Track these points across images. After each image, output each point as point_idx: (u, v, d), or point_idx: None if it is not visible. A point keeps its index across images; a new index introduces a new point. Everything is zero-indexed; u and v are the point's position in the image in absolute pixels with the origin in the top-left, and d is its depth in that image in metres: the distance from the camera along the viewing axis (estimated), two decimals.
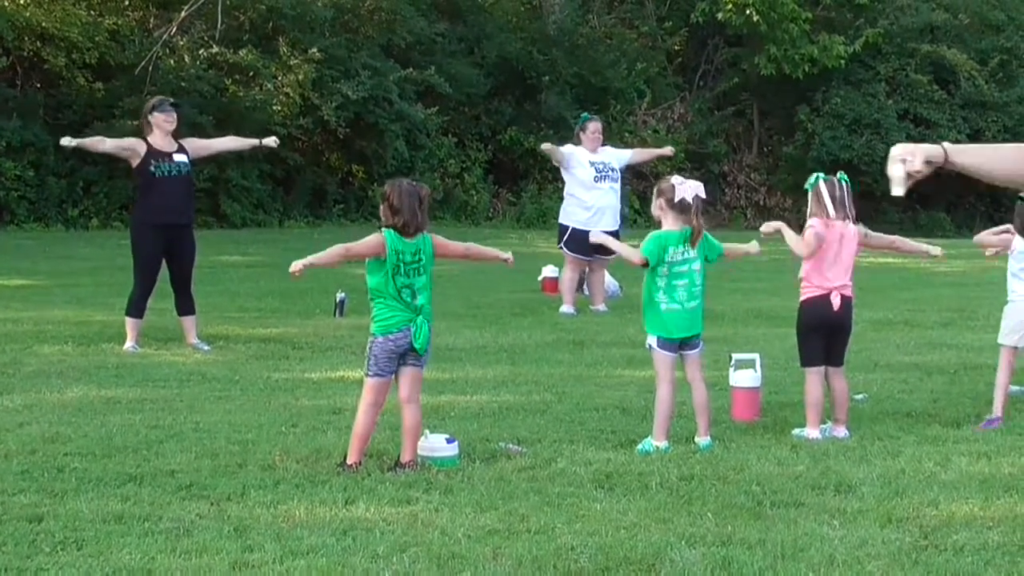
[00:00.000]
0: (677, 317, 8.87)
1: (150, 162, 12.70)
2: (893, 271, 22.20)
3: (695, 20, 38.35)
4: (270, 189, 31.84)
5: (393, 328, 8.11)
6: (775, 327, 14.46)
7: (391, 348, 8.13)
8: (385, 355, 8.14)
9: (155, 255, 12.85)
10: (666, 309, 8.86)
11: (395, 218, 8.11)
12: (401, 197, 8.12)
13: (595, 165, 16.01)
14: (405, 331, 8.11)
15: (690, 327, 8.92)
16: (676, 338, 8.90)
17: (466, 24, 36.49)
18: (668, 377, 8.94)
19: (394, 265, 8.06)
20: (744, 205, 38.81)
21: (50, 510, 7.07)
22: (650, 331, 8.94)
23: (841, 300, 9.24)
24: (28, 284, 18.51)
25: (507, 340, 13.75)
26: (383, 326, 8.13)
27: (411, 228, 8.12)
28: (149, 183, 12.74)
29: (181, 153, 12.84)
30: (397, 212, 8.10)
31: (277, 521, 6.94)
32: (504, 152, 35.85)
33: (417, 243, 8.15)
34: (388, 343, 8.13)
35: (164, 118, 12.77)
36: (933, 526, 6.93)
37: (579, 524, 6.93)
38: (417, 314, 8.12)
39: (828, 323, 9.28)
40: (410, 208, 8.11)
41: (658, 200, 8.99)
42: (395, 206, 8.11)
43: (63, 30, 29.15)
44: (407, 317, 8.10)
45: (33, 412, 9.74)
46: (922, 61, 38.44)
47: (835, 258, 9.25)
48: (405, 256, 8.09)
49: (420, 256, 8.16)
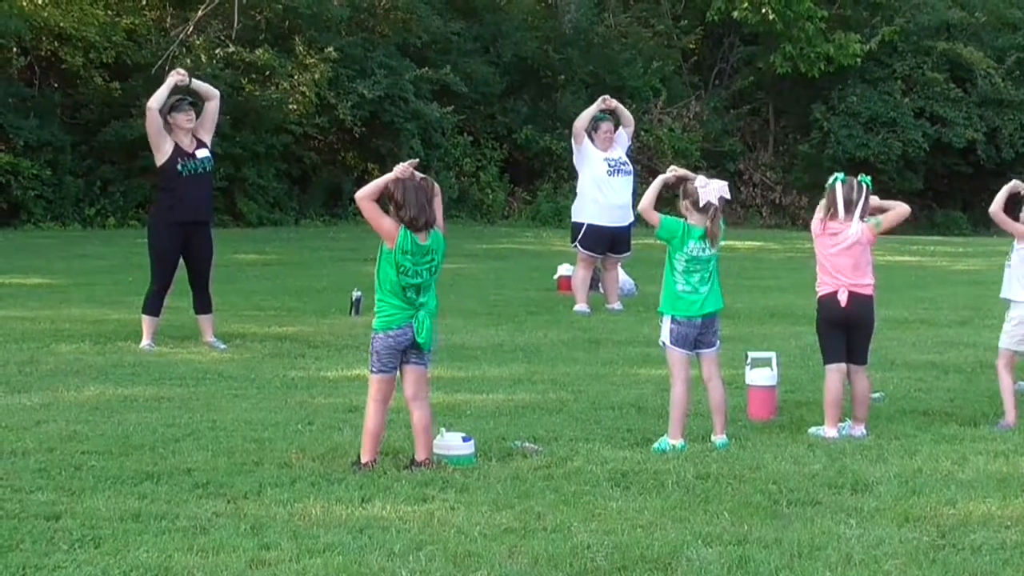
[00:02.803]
0: (691, 297, 8.94)
1: (177, 160, 12.66)
2: (909, 269, 22.16)
3: (711, 18, 38.30)
4: (286, 188, 31.88)
5: (393, 324, 8.13)
6: (792, 325, 14.45)
7: (391, 344, 8.14)
8: (387, 351, 8.16)
9: (173, 252, 12.86)
10: (681, 291, 8.93)
11: (402, 212, 8.10)
12: (405, 192, 8.11)
13: (608, 160, 16.03)
14: (406, 327, 8.12)
15: (704, 306, 8.95)
16: (692, 316, 8.90)
17: (482, 23, 36.49)
18: (682, 375, 8.94)
19: (399, 264, 8.06)
20: (760, 203, 38.76)
21: (68, 508, 7.09)
22: (665, 311, 8.97)
23: (849, 296, 9.23)
24: (45, 283, 18.54)
25: (523, 338, 13.75)
26: (384, 322, 8.15)
27: (420, 222, 8.10)
28: (174, 181, 12.67)
29: (202, 148, 12.83)
30: (403, 207, 8.09)
31: (293, 519, 6.96)
32: (519, 151, 35.85)
33: (430, 243, 8.14)
34: (388, 339, 8.14)
35: (184, 118, 12.72)
36: (950, 525, 6.93)
37: (595, 522, 6.94)
38: (418, 310, 8.12)
39: (839, 319, 9.28)
40: (417, 202, 8.09)
41: (684, 201, 9.05)
42: (399, 201, 8.10)
43: (80, 30, 29.22)
44: (408, 313, 8.11)
45: (51, 410, 9.76)
46: (939, 59, 38.35)
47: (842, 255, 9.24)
48: (414, 258, 8.07)
49: (432, 256, 8.16)
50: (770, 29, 37.26)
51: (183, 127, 12.70)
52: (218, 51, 30.69)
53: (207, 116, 12.98)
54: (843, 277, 9.24)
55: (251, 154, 30.29)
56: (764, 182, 39.31)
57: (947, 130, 37.66)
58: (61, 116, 30.02)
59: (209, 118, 13.00)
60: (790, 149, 40.26)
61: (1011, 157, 37.78)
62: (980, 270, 22.02)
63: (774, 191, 39.09)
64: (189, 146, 12.73)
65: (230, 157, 28.86)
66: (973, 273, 21.82)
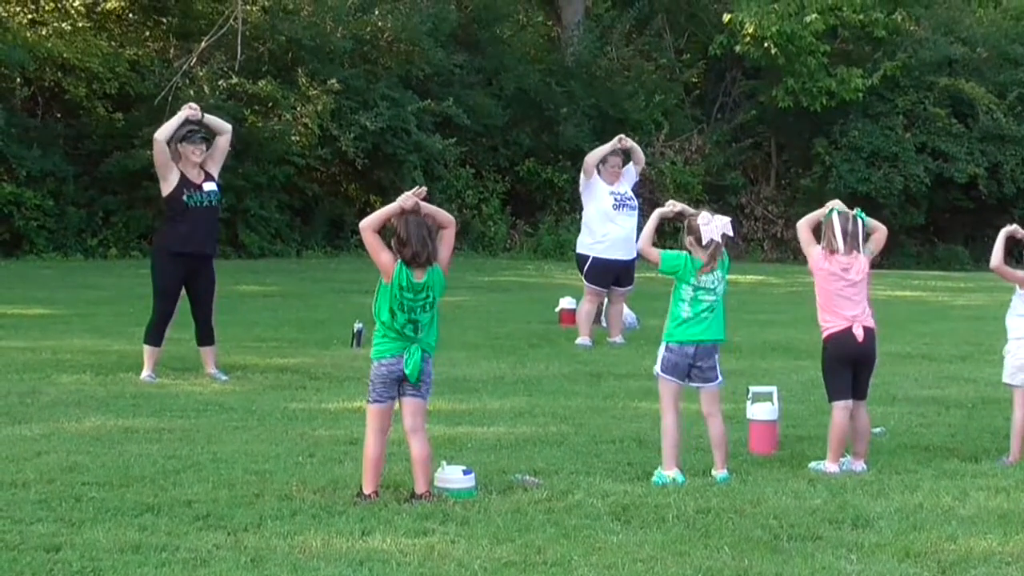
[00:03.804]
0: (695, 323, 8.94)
1: (183, 191, 12.64)
2: (910, 304, 22.16)
3: (713, 52, 38.37)
4: (288, 219, 31.89)
5: (386, 354, 8.18)
6: (793, 359, 14.45)
7: (384, 374, 8.19)
8: (380, 380, 8.21)
9: (175, 283, 12.85)
10: (685, 317, 8.93)
11: (404, 250, 8.14)
12: (408, 228, 8.15)
13: (614, 195, 16.09)
14: (398, 358, 8.15)
15: (703, 332, 8.96)
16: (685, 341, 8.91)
17: (484, 56, 36.55)
18: (672, 406, 8.97)
19: (396, 298, 8.08)
20: (761, 237, 38.75)
21: (68, 539, 7.09)
22: (668, 339, 8.97)
23: (864, 331, 9.25)
24: (47, 313, 18.55)
25: (524, 371, 13.75)
26: (377, 351, 8.25)
27: (421, 259, 8.14)
28: (180, 212, 12.64)
29: (209, 181, 12.81)
30: (405, 244, 8.14)
31: (294, 552, 6.95)
32: (522, 183, 35.87)
33: (425, 280, 8.16)
34: (381, 368, 8.20)
35: (192, 150, 12.66)
36: (951, 561, 6.92)
37: (596, 556, 6.93)
38: (412, 343, 8.14)
39: (854, 355, 9.29)
40: (419, 238, 8.13)
41: (688, 237, 9.06)
42: (402, 237, 8.15)
43: (84, 61, 29.27)
44: (402, 345, 8.14)
45: (51, 441, 9.76)
46: (940, 94, 38.38)
47: (844, 290, 9.26)
48: (408, 293, 8.10)
49: (428, 294, 8.18)
50: (772, 63, 37.32)
51: (192, 159, 12.66)
52: (221, 82, 30.73)
53: (217, 150, 12.91)
54: (852, 312, 9.25)
55: (253, 185, 30.29)
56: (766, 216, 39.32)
57: (949, 165, 37.66)
58: (64, 146, 30.05)
59: (219, 152, 12.94)
60: (792, 183, 40.28)
61: (1013, 192, 37.79)
62: (981, 305, 22.00)
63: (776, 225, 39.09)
64: (196, 178, 12.70)
65: (232, 188, 28.83)
66: (974, 308, 21.80)
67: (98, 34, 30.92)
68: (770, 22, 36.18)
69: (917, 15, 39.81)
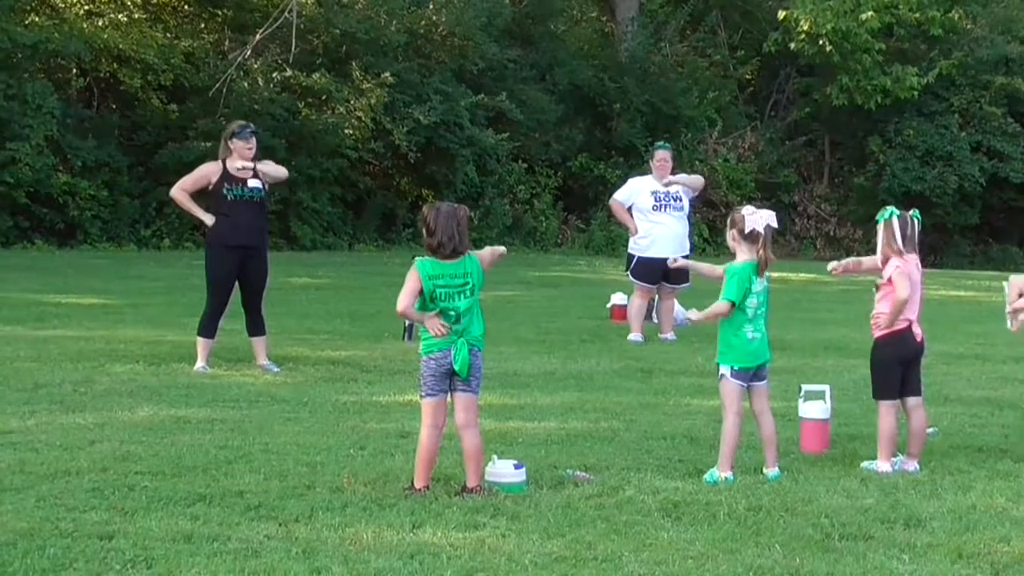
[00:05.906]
0: (759, 345, 8.88)
1: (224, 184, 12.80)
2: (963, 304, 22.02)
3: (767, 49, 38.30)
4: (340, 212, 32.01)
5: (434, 348, 8.17)
6: (845, 358, 14.38)
7: (434, 367, 8.18)
8: (430, 374, 8.20)
9: (228, 275, 12.93)
10: (751, 338, 8.84)
11: (431, 239, 8.14)
12: (438, 218, 8.14)
13: (656, 194, 16.05)
14: (445, 352, 8.14)
15: (765, 353, 8.93)
16: (754, 366, 8.87)
17: (538, 51, 36.57)
18: (736, 408, 8.89)
19: (430, 291, 8.08)
20: (814, 236, 38.65)
21: (120, 528, 7.12)
22: (727, 363, 8.87)
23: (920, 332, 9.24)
24: (100, 303, 18.67)
25: (575, 367, 13.74)
26: (426, 347, 8.22)
27: (447, 249, 8.12)
28: (222, 205, 12.82)
29: (256, 179, 12.91)
30: (432, 233, 8.13)
31: (344, 544, 6.96)
32: (574, 179, 35.89)
33: (462, 265, 8.15)
34: (431, 362, 8.18)
35: (244, 145, 12.80)
36: (1005, 563, 6.87)
37: (646, 553, 6.91)
38: (459, 336, 8.14)
39: (911, 356, 9.26)
40: (446, 228, 8.12)
41: (731, 231, 9.00)
42: (431, 227, 8.14)
43: (139, 52, 29.48)
44: (448, 339, 8.13)
45: (104, 430, 9.81)
46: (996, 93, 38.16)
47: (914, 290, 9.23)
48: (444, 279, 8.10)
49: (467, 279, 8.17)
50: (827, 61, 37.20)
51: (243, 155, 12.79)
52: (275, 75, 30.87)
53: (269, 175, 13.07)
54: (910, 313, 9.22)
55: (306, 178, 30.42)
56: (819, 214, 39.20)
57: (1004, 165, 37.45)
58: (119, 137, 30.27)
59: (270, 177, 13.11)
60: (845, 181, 40.15)
61: None
62: None
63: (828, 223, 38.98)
64: (242, 173, 12.82)
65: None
66: None
67: (154, 25, 31.12)
68: (825, 19, 36.06)
69: (974, 13, 39.59)
